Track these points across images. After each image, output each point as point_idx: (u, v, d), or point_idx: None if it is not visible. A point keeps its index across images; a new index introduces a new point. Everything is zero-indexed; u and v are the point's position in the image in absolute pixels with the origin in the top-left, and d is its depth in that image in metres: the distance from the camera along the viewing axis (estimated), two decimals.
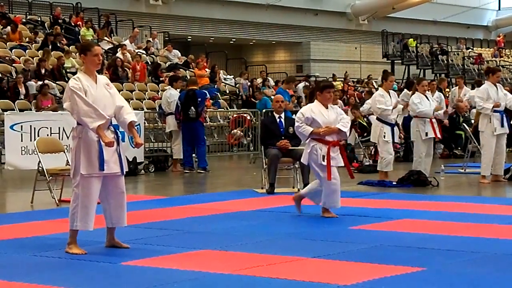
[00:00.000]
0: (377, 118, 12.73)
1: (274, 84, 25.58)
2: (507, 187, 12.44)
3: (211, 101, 20.50)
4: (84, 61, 6.96)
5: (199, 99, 15.14)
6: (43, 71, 19.59)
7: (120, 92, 20.64)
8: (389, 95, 12.69)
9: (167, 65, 24.58)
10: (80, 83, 6.71)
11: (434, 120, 12.79)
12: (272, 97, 18.17)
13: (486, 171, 12.67)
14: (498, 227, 8.14)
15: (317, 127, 8.85)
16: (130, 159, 14.76)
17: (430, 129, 12.73)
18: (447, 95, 20.81)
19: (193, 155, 15.47)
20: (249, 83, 24.67)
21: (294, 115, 10.39)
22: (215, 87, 23.31)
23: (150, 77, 22.86)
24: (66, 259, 6.55)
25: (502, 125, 12.49)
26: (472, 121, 16.67)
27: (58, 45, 22.13)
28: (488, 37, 42.76)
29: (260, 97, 21.24)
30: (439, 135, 13.00)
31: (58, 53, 21.26)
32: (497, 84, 12.75)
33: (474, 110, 14.02)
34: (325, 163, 8.74)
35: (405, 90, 14.09)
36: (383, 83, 13.19)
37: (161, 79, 22.79)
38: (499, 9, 44.41)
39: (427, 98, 12.87)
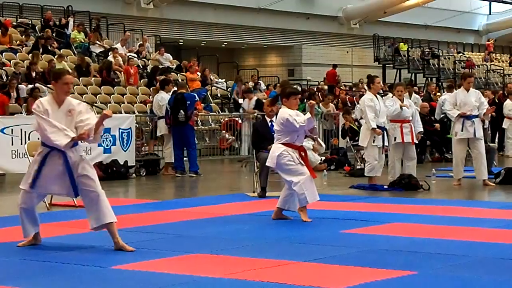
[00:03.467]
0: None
1: (265, 88, 25.55)
2: (497, 191, 12.47)
3: (202, 104, 20.48)
4: (54, 87, 7.16)
5: (188, 102, 15.12)
6: (33, 74, 19.53)
7: (111, 96, 20.76)
8: (377, 98, 12.76)
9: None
10: (42, 106, 6.93)
11: (406, 124, 12.74)
12: (264, 100, 18.19)
13: (455, 174, 13.11)
14: (489, 231, 8.16)
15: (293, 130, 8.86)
16: (122, 163, 14.76)
17: (398, 134, 12.70)
18: (437, 99, 20.83)
19: (185, 158, 15.45)
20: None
21: None
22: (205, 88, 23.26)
23: (146, 81, 22.74)
24: (56, 263, 6.52)
25: (465, 130, 12.78)
26: None
27: (49, 48, 22.07)
28: (479, 42, 42.86)
29: None
30: (408, 140, 12.76)
31: (49, 56, 21.19)
32: (471, 89, 12.93)
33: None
34: (295, 165, 8.76)
35: (389, 93, 14.11)
36: (370, 87, 13.23)
37: (154, 82, 22.72)
38: (490, 13, 44.51)
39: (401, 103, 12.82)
